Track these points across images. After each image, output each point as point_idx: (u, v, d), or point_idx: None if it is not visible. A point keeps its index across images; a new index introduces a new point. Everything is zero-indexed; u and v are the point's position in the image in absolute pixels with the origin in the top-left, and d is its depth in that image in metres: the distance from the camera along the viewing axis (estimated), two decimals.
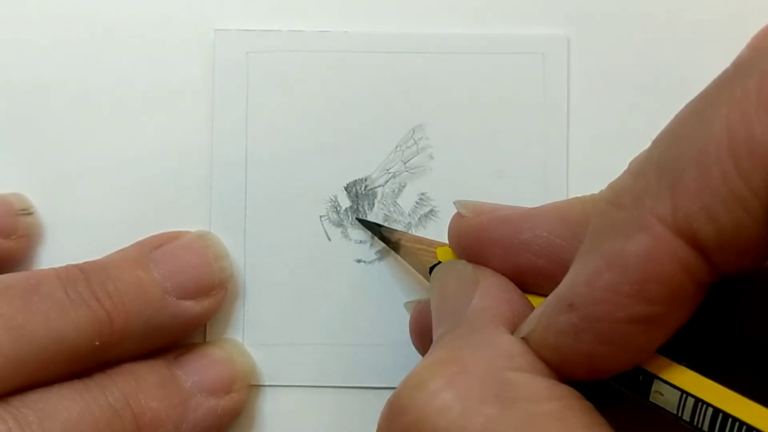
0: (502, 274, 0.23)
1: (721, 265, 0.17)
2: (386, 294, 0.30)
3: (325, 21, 0.31)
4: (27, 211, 0.29)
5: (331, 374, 0.30)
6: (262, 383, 0.30)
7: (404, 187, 0.30)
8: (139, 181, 0.30)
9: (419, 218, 0.30)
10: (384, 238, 0.29)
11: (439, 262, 0.26)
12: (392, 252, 0.30)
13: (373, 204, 0.30)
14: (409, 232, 0.30)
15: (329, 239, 0.30)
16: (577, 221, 0.22)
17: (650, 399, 0.19)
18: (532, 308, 0.22)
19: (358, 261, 0.30)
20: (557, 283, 0.21)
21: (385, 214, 0.30)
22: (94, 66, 0.31)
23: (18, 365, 0.24)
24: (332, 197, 0.30)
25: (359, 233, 0.30)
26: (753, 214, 0.16)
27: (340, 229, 0.30)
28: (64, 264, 0.27)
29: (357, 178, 0.30)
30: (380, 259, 0.30)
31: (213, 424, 0.27)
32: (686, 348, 0.19)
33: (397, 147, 0.30)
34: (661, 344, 0.18)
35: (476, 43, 0.30)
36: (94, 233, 0.30)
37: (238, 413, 0.28)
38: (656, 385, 0.19)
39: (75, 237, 0.30)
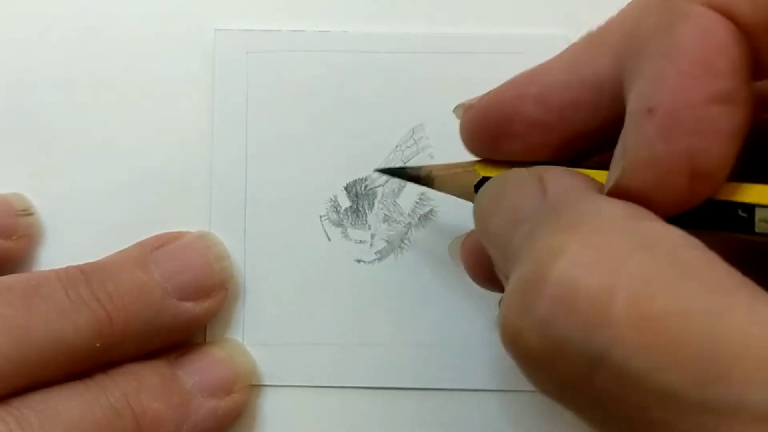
0: (551, 136, 0.22)
1: (758, 41, 0.17)
2: (386, 294, 0.30)
3: (325, 21, 0.31)
4: (27, 212, 0.29)
5: (332, 374, 0.30)
6: (262, 383, 0.30)
7: (404, 187, 0.30)
8: (139, 182, 0.30)
9: (419, 218, 0.30)
10: (411, 177, 0.27)
11: (484, 178, 0.24)
12: (392, 252, 0.30)
13: (373, 204, 0.30)
14: (410, 232, 0.30)
15: (329, 239, 0.30)
16: (595, 44, 0.22)
17: (756, 231, 0.18)
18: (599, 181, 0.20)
19: (358, 261, 0.30)
20: (600, 110, 0.21)
21: (385, 213, 0.30)
22: (94, 66, 0.30)
23: (19, 366, 0.24)
24: (332, 197, 0.30)
25: (359, 233, 0.30)
26: None
27: (340, 229, 0.30)
28: (64, 264, 0.27)
29: (357, 178, 0.30)
30: (380, 259, 0.30)
31: (214, 425, 0.27)
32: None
33: (397, 147, 0.30)
34: (743, 130, 0.18)
35: (476, 43, 0.30)
36: (94, 233, 0.30)
37: (239, 414, 0.28)
38: (759, 214, 0.18)
39: (75, 237, 0.30)
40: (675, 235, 0.17)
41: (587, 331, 0.16)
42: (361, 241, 0.30)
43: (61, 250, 0.30)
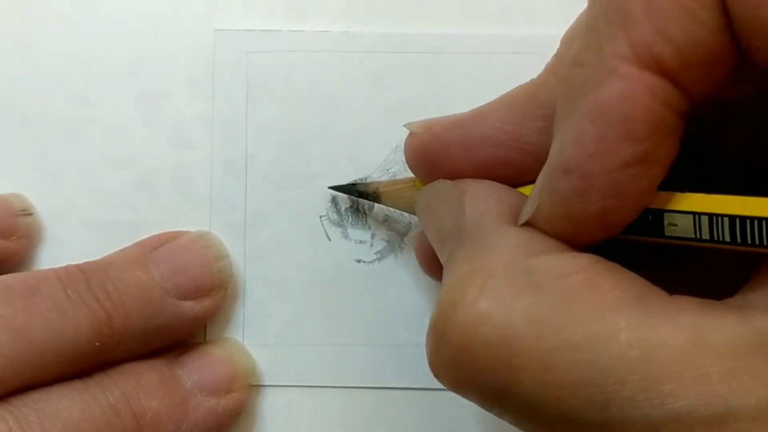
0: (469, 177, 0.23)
1: (690, 85, 0.17)
2: (386, 294, 0.30)
3: (325, 21, 0.31)
4: (27, 212, 0.29)
5: (331, 374, 0.30)
6: (262, 383, 0.30)
7: None
8: (140, 182, 0.30)
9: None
10: (362, 194, 0.29)
11: None
12: (392, 252, 0.30)
13: (373, 204, 0.30)
14: (410, 231, 0.30)
15: (329, 239, 0.30)
16: (524, 103, 0.22)
17: (666, 234, 0.19)
18: (524, 196, 0.21)
19: (358, 261, 0.30)
20: (522, 169, 0.22)
21: (385, 214, 0.30)
22: (93, 66, 0.31)
23: (18, 366, 0.24)
24: (332, 197, 0.30)
25: (359, 233, 0.30)
26: (705, 23, 0.17)
27: (340, 229, 0.30)
28: (64, 264, 0.27)
29: (357, 178, 0.30)
30: (380, 259, 0.30)
31: (213, 424, 0.27)
32: (681, 181, 0.19)
33: (397, 147, 0.30)
34: (660, 181, 0.18)
35: (476, 43, 0.30)
36: (94, 233, 0.30)
37: (238, 413, 0.28)
38: (668, 218, 0.19)
39: (75, 237, 0.30)
40: (562, 263, 0.18)
41: (489, 373, 0.18)
42: (361, 241, 0.30)
43: (61, 250, 0.30)
